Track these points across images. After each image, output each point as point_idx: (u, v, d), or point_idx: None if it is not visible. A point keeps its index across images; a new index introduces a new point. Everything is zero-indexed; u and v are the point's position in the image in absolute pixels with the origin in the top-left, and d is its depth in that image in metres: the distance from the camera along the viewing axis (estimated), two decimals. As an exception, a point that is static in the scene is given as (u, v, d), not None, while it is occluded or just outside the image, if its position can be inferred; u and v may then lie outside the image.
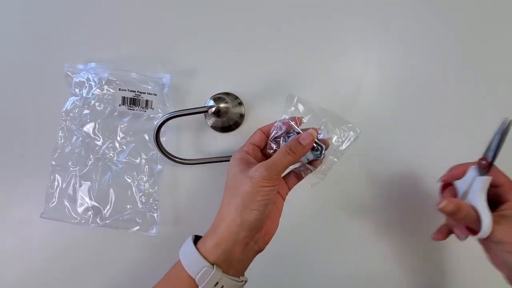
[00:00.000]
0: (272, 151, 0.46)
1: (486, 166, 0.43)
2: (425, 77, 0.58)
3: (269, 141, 0.47)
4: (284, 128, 0.46)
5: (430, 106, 0.58)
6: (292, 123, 0.46)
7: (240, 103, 0.57)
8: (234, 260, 0.41)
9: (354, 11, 0.58)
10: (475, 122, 0.57)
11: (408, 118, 0.58)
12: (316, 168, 0.47)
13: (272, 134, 0.47)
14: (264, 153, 0.48)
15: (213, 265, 0.39)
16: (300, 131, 0.45)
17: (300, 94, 0.57)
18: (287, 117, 0.47)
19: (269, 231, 0.44)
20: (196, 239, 0.43)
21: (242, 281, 0.42)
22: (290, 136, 0.46)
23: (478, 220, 0.41)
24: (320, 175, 0.48)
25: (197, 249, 0.40)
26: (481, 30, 0.58)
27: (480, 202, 0.42)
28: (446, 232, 0.47)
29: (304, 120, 0.47)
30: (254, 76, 0.58)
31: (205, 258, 0.39)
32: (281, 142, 0.46)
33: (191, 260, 0.40)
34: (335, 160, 0.47)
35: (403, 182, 0.57)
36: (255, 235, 0.41)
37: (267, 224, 0.43)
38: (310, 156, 0.45)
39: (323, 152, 0.46)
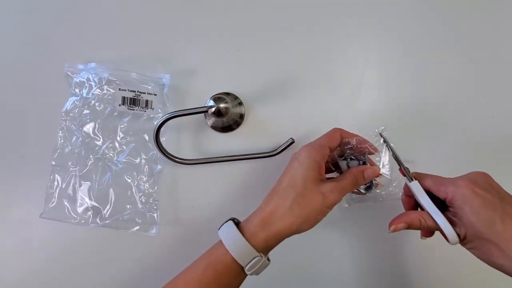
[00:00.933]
0: (335, 162, 0.47)
1: (404, 174, 0.45)
2: (425, 77, 0.58)
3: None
4: (355, 148, 0.46)
5: (430, 106, 0.58)
6: (366, 149, 0.46)
7: (240, 103, 0.57)
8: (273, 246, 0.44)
9: (354, 11, 0.58)
10: (475, 122, 0.57)
11: (408, 118, 0.57)
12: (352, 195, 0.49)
13: (345, 145, 0.47)
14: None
15: (259, 253, 0.42)
16: (367, 162, 0.46)
17: (300, 94, 0.58)
18: (368, 142, 0.47)
19: None
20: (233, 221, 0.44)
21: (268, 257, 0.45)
22: (353, 159, 0.46)
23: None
24: (352, 202, 0.50)
25: (247, 239, 0.42)
26: (481, 30, 0.58)
27: (429, 208, 0.42)
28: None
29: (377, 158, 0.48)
30: (254, 76, 0.58)
31: (255, 248, 0.42)
32: (342, 159, 0.47)
33: (241, 250, 0.42)
34: (372, 202, 0.49)
35: (404, 182, 0.57)
36: None
37: None
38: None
39: (370, 190, 0.48)
